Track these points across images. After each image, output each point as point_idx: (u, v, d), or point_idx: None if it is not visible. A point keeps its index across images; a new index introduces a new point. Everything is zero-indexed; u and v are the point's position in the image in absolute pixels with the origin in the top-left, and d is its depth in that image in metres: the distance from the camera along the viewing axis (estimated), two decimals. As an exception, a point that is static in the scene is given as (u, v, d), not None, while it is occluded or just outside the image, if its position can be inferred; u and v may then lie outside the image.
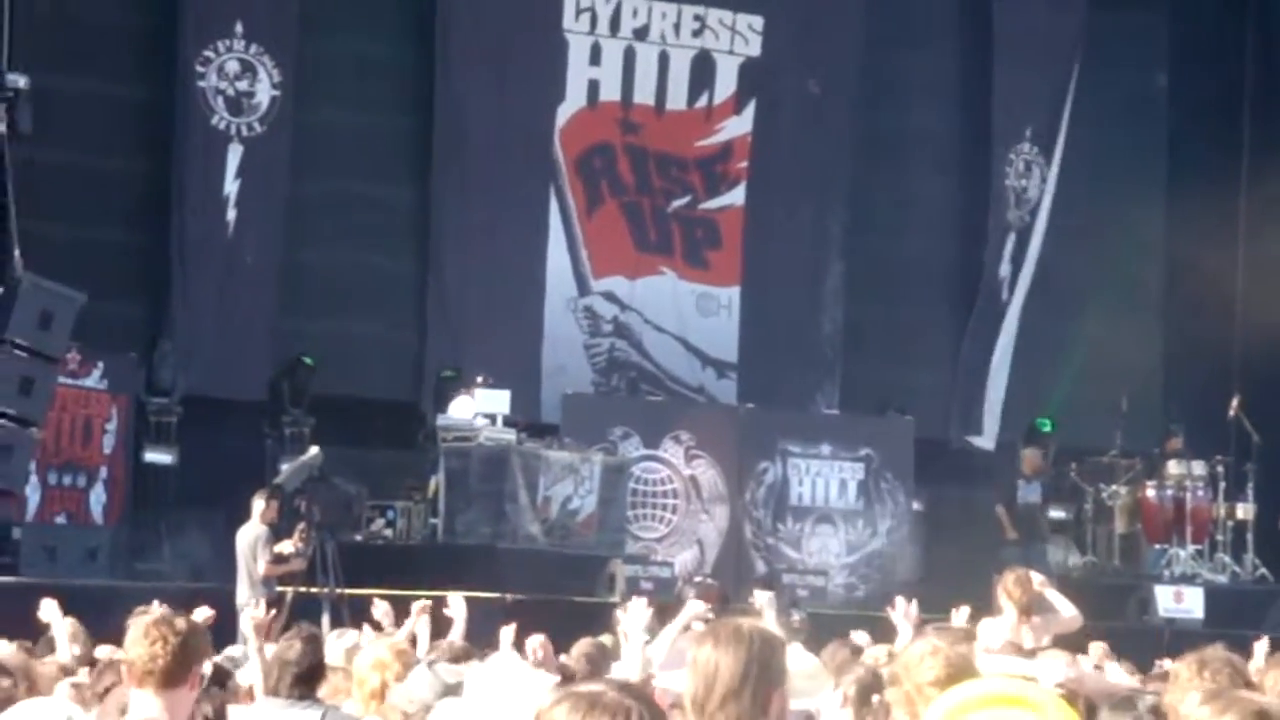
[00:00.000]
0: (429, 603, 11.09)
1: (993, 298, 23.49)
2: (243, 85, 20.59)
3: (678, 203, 22.77)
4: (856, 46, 23.11)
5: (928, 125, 23.63)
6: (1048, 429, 22.64)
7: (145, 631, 6.46)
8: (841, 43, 23.12)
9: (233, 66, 20.56)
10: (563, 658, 10.35)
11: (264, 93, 20.64)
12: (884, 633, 11.89)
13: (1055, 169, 23.64)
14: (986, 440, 23.12)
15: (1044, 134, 23.69)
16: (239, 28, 20.53)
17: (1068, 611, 11.57)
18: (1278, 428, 21.57)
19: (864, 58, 23.11)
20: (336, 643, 10.18)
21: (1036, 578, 11.58)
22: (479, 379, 19.62)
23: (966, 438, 22.98)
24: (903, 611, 10.82)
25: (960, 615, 11.29)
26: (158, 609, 7.55)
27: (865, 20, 23.08)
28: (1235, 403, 21.56)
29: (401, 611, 13.79)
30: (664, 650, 9.58)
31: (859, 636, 12.01)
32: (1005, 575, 11.53)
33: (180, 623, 6.55)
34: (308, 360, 20.16)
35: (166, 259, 20.31)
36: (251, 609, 10.20)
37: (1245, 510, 21.34)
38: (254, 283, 20.56)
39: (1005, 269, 23.55)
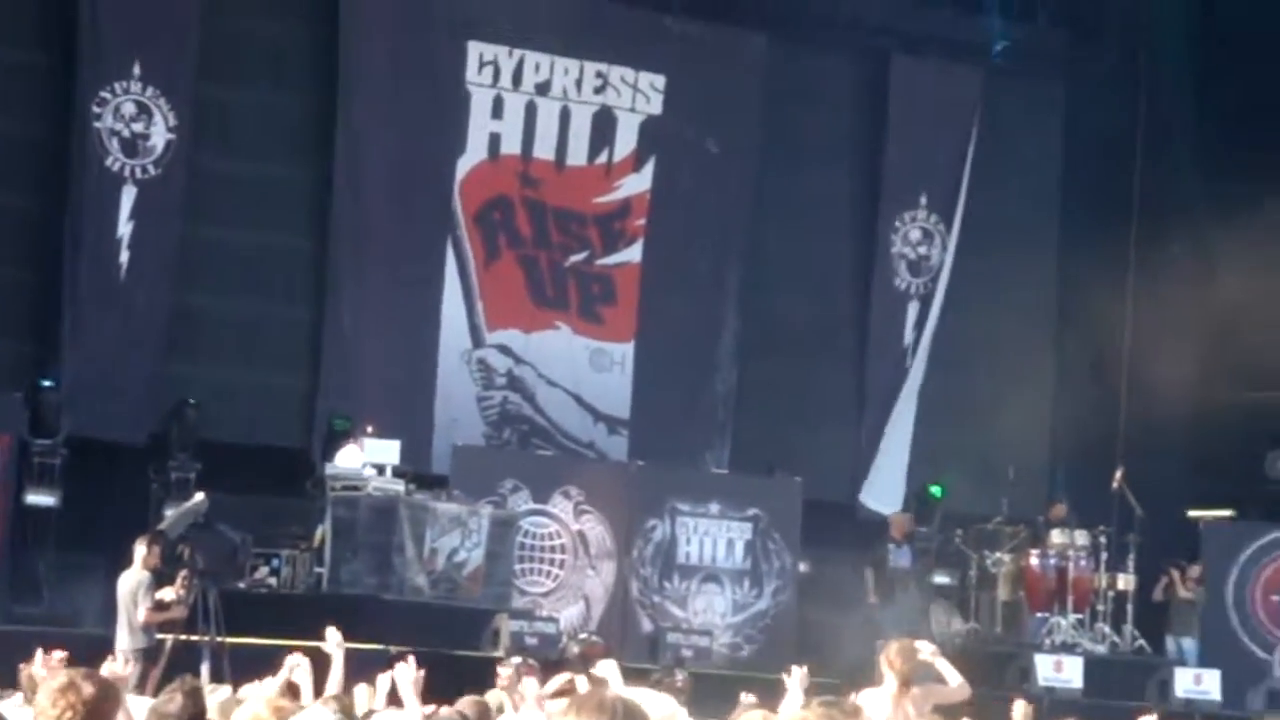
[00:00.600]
0: (304, 659, 11.00)
1: (895, 364, 23.65)
2: (138, 127, 20.50)
3: (575, 258, 22.82)
4: (757, 107, 23.27)
5: (825, 187, 23.81)
6: (938, 495, 22.82)
7: (53, 700, 6.25)
8: (742, 103, 23.28)
9: (129, 108, 20.47)
10: (444, 711, 10.33)
11: (159, 135, 20.56)
12: (769, 694, 11.92)
13: (955, 236, 23.87)
14: (886, 505, 23.23)
15: (942, 201, 23.92)
16: (136, 69, 20.45)
17: (954, 681, 11.57)
18: (1159, 499, 21.82)
19: (764, 118, 23.27)
20: (210, 697, 10.09)
21: (927, 647, 11.58)
22: (368, 429, 19.57)
23: (865, 501, 23.08)
24: (798, 677, 10.85)
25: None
26: (59, 664, 7.32)
27: (766, 81, 23.25)
28: (1119, 474, 21.77)
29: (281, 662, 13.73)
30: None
31: (745, 698, 12.02)
32: (889, 645, 11.55)
33: (87, 688, 6.28)
34: (192, 403, 20.03)
35: (55, 298, 20.15)
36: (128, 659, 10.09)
37: (1126, 581, 21.53)
38: (145, 326, 20.45)
39: (909, 336, 23.74)
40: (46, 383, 19.62)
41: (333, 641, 11.48)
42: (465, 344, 22.26)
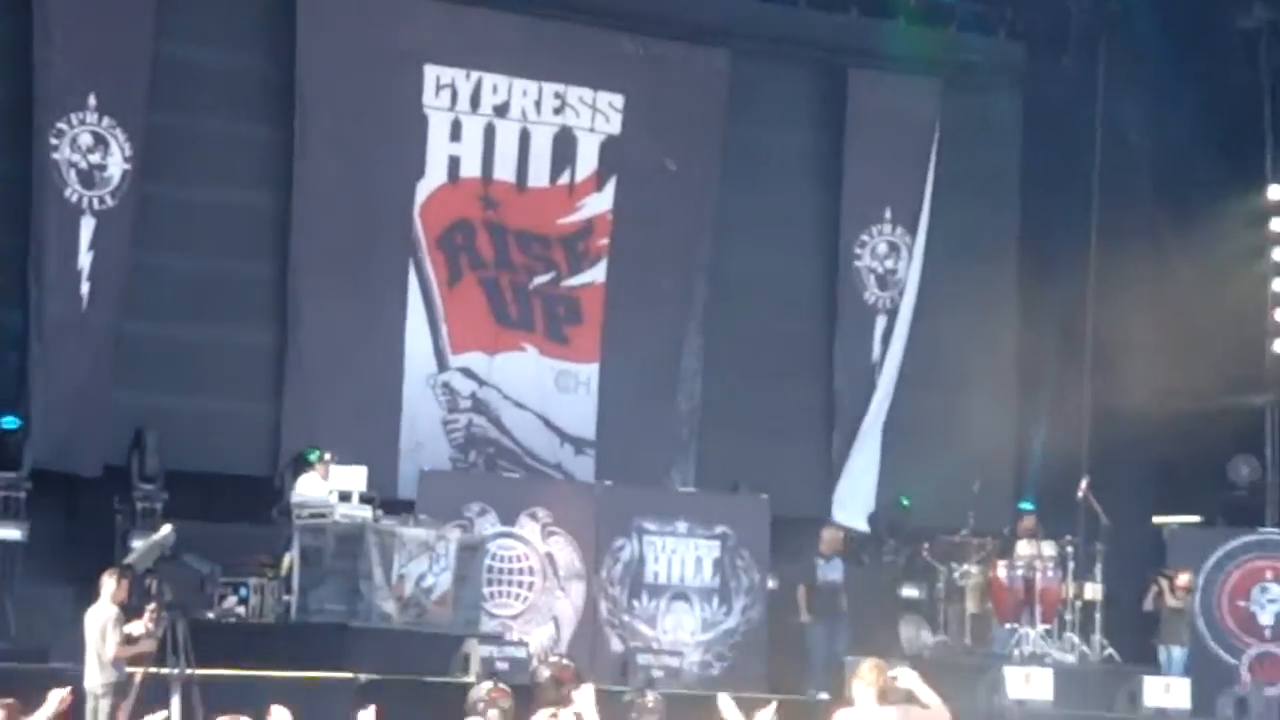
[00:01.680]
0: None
1: (863, 378, 23.69)
2: (95, 158, 20.46)
3: (540, 279, 22.82)
4: (718, 124, 23.30)
5: (787, 203, 23.85)
6: (906, 505, 22.89)
7: None
8: (701, 120, 23.32)
9: (85, 139, 20.43)
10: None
11: (115, 166, 20.52)
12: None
13: (919, 250, 23.94)
14: (855, 518, 23.27)
15: (906, 215, 23.98)
16: (92, 100, 20.41)
17: (933, 702, 11.43)
18: (1125, 508, 21.90)
19: (724, 135, 23.30)
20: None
21: (908, 674, 11.47)
22: (326, 456, 19.56)
23: (836, 517, 23.10)
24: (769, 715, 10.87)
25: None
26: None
27: (725, 98, 23.28)
28: (1084, 484, 21.85)
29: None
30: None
31: (723, 699, 12.03)
32: (860, 664, 11.54)
33: None
34: (152, 432, 19.99)
35: (16, 332, 20.08)
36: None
37: (1093, 590, 21.60)
38: (106, 356, 20.39)
39: (876, 350, 23.80)
40: (10, 421, 19.54)
41: None
42: (430, 367, 22.24)
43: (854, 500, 23.44)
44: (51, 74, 20.25)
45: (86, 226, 20.35)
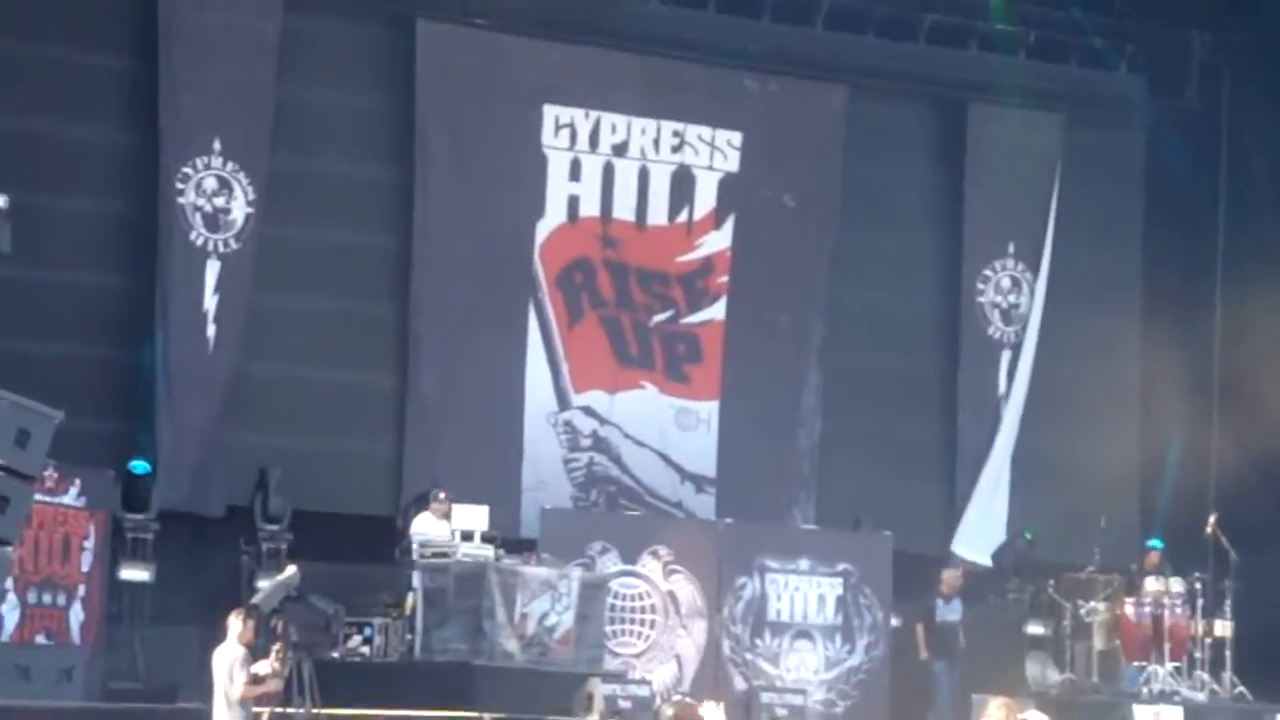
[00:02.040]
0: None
1: (989, 413, 23.54)
2: (220, 202, 20.68)
3: (659, 317, 22.84)
4: (836, 160, 23.25)
5: (904, 238, 23.75)
6: (1030, 537, 22.73)
7: None
8: (819, 157, 23.28)
9: (210, 183, 20.65)
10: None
11: (239, 209, 20.73)
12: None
13: (1043, 284, 23.78)
14: (981, 555, 23.13)
15: (1028, 250, 23.83)
16: (216, 144, 20.63)
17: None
18: (1254, 544, 21.62)
19: (842, 171, 23.25)
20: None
21: (1037, 715, 11.41)
22: (441, 495, 19.64)
23: (957, 551, 22.96)
24: None
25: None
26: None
27: (843, 134, 23.24)
28: (1212, 519, 21.60)
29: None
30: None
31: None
32: (988, 702, 11.47)
33: None
34: (276, 472, 20.13)
35: (140, 374, 20.29)
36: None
37: (1223, 627, 21.33)
38: (232, 397, 20.57)
39: (1003, 385, 23.65)
40: (140, 465, 19.74)
41: None
42: (551, 406, 22.29)
43: (978, 536, 23.26)
44: (177, 119, 20.48)
45: (212, 270, 20.56)
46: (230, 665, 16.16)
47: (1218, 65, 24.06)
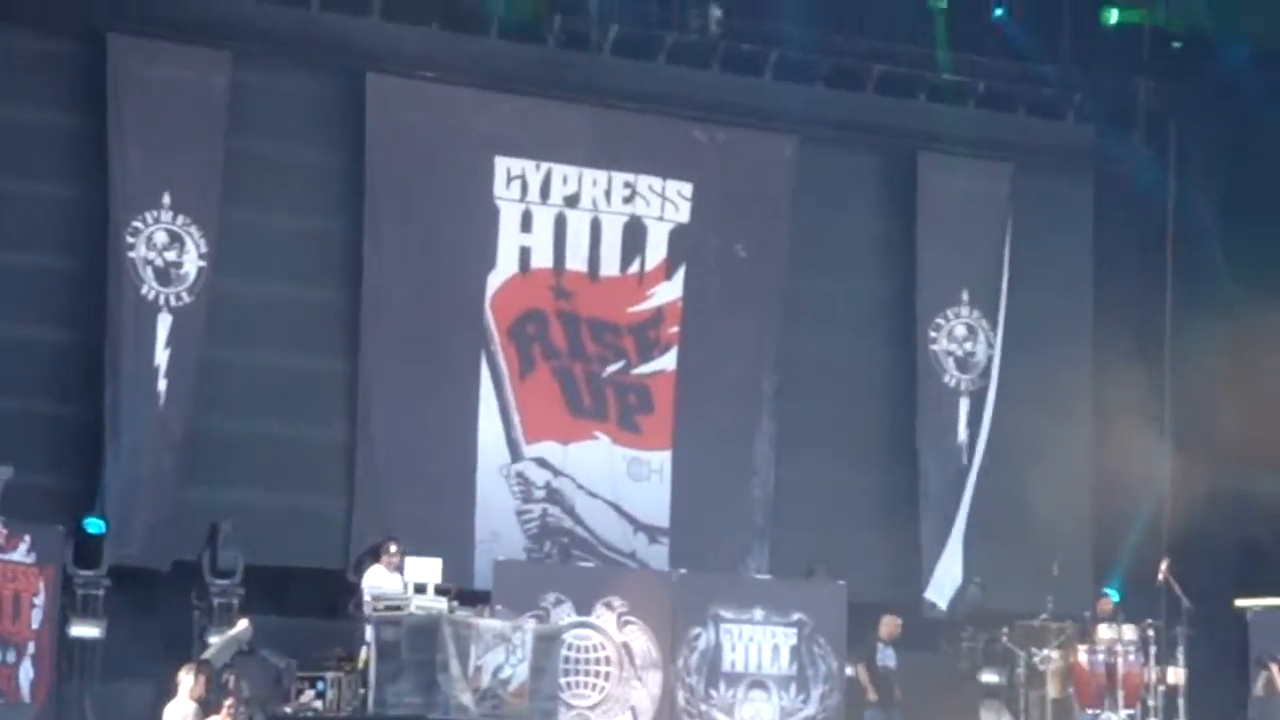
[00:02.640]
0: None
1: (951, 461, 23.58)
2: (171, 255, 20.64)
3: (612, 368, 22.84)
4: (785, 209, 23.33)
5: (857, 287, 23.82)
6: (978, 585, 22.76)
7: None
8: (769, 206, 23.35)
9: (161, 237, 20.61)
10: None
11: (191, 263, 20.69)
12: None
13: (1000, 332, 23.89)
14: (939, 598, 23.18)
15: (983, 297, 23.93)
16: (166, 198, 20.60)
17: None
18: (1206, 591, 21.68)
19: (792, 222, 23.32)
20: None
21: None
22: (392, 548, 19.59)
23: (930, 599, 23.00)
24: None
25: None
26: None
27: (793, 185, 23.32)
28: (1164, 566, 21.66)
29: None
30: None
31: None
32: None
33: None
34: (225, 529, 20.04)
35: (95, 429, 20.21)
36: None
37: (1176, 674, 21.37)
38: (183, 452, 20.49)
39: (963, 434, 23.70)
40: (94, 521, 19.64)
41: None
42: (503, 458, 22.26)
43: (950, 583, 23.27)
44: (126, 173, 20.44)
45: (163, 323, 20.51)
46: (181, 721, 16.06)
47: (1164, 113, 24.23)
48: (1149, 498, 23.22)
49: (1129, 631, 21.37)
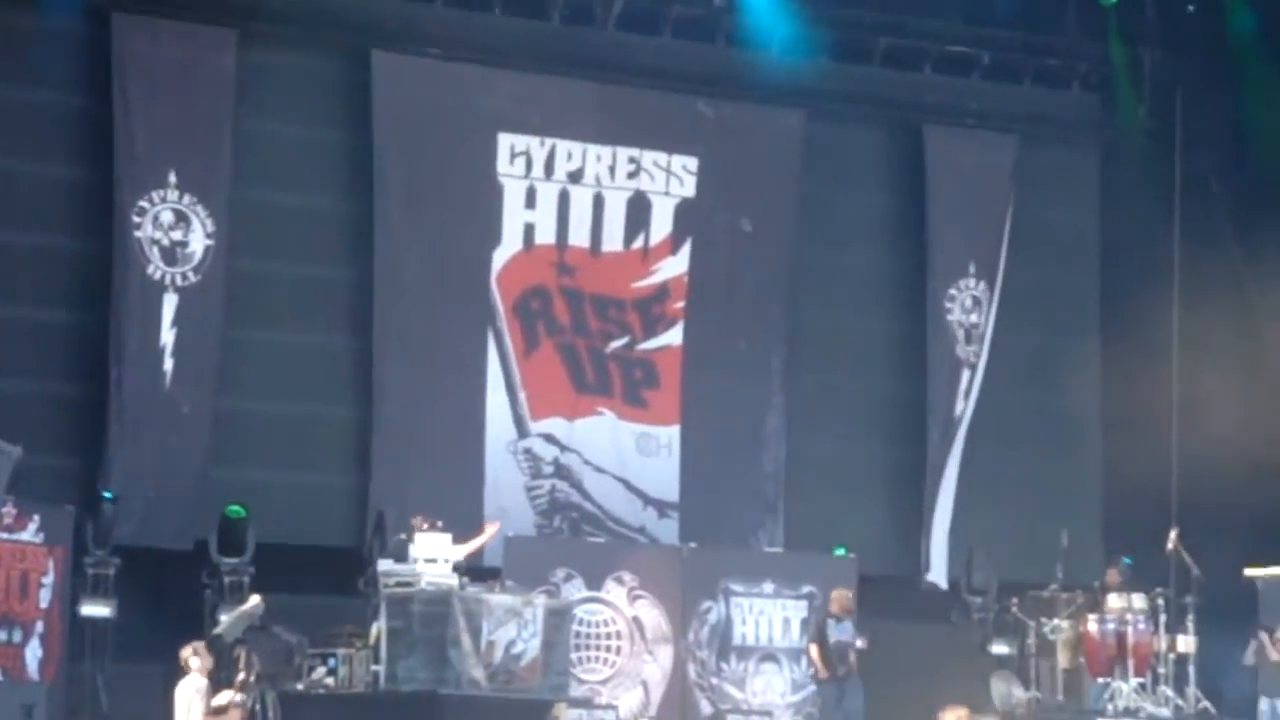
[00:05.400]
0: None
1: (948, 433, 23.59)
2: (177, 235, 20.65)
3: (616, 344, 22.84)
4: (793, 184, 23.30)
5: (864, 260, 23.80)
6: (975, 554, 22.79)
7: None
8: (775, 181, 23.32)
9: (167, 216, 20.62)
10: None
11: (198, 242, 20.71)
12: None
13: (995, 303, 23.87)
14: (938, 576, 23.17)
15: (987, 269, 23.91)
16: (172, 178, 20.60)
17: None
18: (1216, 559, 21.67)
19: (798, 195, 23.29)
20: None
21: None
22: (418, 522, 19.59)
23: (925, 575, 22.99)
24: None
25: None
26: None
27: (799, 157, 23.28)
28: (1173, 535, 21.65)
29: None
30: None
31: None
32: (943, 713, 11.48)
33: None
34: (237, 510, 20.04)
35: (101, 410, 20.23)
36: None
37: (1186, 643, 21.35)
38: (190, 432, 20.51)
39: (960, 405, 23.69)
40: (107, 495, 19.67)
41: None
42: (511, 434, 22.27)
43: (938, 556, 23.28)
44: (132, 152, 20.45)
45: (169, 303, 20.52)
46: (192, 697, 16.11)
47: (1170, 84, 24.17)
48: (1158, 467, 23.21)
49: (1138, 600, 21.34)
